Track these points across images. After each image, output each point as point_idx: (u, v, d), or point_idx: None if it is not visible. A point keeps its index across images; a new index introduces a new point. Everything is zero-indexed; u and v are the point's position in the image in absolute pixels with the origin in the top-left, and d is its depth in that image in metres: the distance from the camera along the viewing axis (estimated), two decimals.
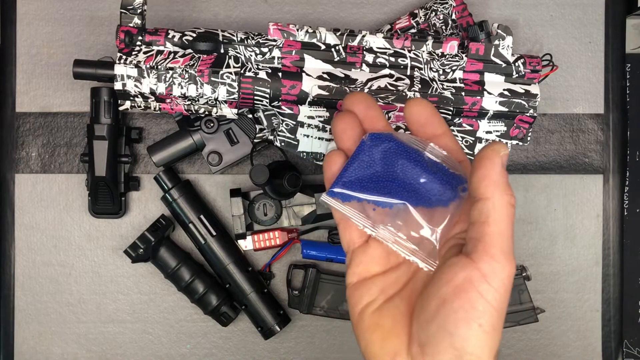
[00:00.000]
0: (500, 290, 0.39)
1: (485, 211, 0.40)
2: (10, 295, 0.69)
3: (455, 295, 0.39)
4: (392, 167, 0.45)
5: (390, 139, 0.45)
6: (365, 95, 0.47)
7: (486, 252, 0.39)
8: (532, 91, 0.60)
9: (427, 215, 0.44)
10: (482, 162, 0.40)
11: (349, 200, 0.45)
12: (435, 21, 0.64)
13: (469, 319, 0.39)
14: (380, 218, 0.45)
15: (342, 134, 0.46)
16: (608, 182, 0.71)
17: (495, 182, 0.40)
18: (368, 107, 0.46)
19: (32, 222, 0.69)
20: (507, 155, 0.41)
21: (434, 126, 0.45)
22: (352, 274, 0.46)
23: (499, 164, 0.40)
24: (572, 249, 0.71)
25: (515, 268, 0.40)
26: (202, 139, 0.66)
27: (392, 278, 0.45)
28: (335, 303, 0.68)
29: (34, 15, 0.69)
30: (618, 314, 0.71)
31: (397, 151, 0.45)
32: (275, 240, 0.68)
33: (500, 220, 0.40)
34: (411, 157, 0.44)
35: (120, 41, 0.56)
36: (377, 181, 0.45)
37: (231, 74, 0.56)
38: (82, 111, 0.69)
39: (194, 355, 0.70)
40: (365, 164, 0.45)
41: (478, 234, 0.40)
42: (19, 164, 0.69)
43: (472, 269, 0.39)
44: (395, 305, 0.44)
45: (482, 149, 0.41)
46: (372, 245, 0.46)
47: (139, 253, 0.64)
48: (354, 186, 0.45)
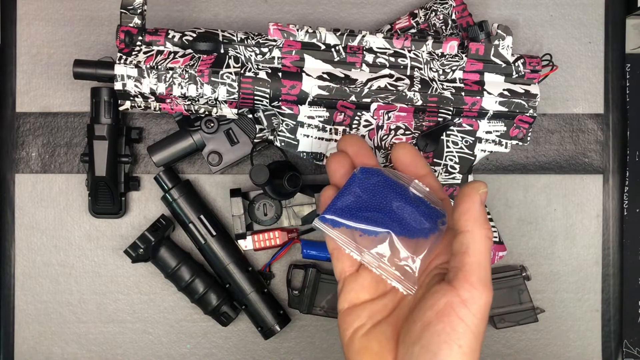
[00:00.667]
0: (477, 315, 0.43)
1: (465, 243, 0.44)
2: (11, 295, 0.69)
3: (438, 318, 0.43)
4: (379, 199, 0.49)
5: (379, 174, 0.49)
6: (357, 137, 0.52)
7: (466, 280, 0.43)
8: (532, 91, 0.60)
9: (409, 245, 0.48)
10: (464, 199, 0.45)
11: (338, 227, 0.49)
12: (435, 21, 0.64)
13: (450, 341, 0.42)
14: (366, 244, 0.49)
15: (335, 172, 0.51)
16: (608, 182, 0.71)
17: (475, 218, 0.44)
18: (360, 148, 0.52)
19: (32, 222, 0.69)
20: (486, 193, 0.46)
21: (417, 167, 0.50)
22: (343, 300, 0.50)
23: (477, 201, 0.45)
24: (572, 249, 0.71)
25: (491, 295, 0.44)
26: (202, 139, 0.66)
27: (380, 305, 0.49)
28: (335, 303, 0.68)
29: (34, 15, 0.69)
30: (618, 314, 0.71)
31: (385, 184, 0.49)
32: (275, 240, 0.68)
33: (479, 251, 0.44)
34: (397, 191, 0.49)
35: (121, 41, 0.56)
36: (364, 210, 0.49)
37: (231, 74, 0.56)
38: (82, 111, 0.69)
39: (194, 355, 0.70)
40: (355, 194, 0.49)
41: (459, 263, 0.44)
42: (19, 164, 0.69)
43: (453, 295, 0.43)
44: (382, 331, 0.47)
45: (464, 187, 0.46)
46: (362, 274, 0.50)
47: (139, 253, 0.64)
48: (343, 214, 0.49)
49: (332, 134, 0.59)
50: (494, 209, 0.70)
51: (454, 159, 0.61)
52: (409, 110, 0.59)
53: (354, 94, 0.58)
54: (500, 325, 0.68)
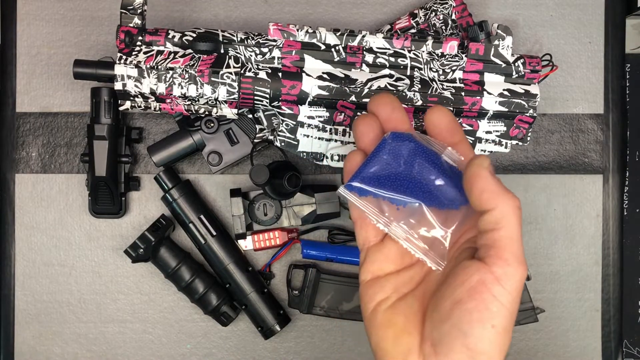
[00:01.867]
0: (512, 292, 0.41)
1: (493, 220, 0.41)
2: (11, 295, 0.69)
3: (470, 296, 0.41)
4: (410, 167, 0.46)
5: (411, 139, 0.46)
6: (391, 97, 0.48)
7: (499, 257, 0.41)
8: (532, 91, 0.60)
9: (439, 217, 0.46)
10: (473, 180, 0.42)
11: (365, 195, 0.46)
12: (435, 21, 0.64)
13: (483, 320, 0.40)
14: (394, 214, 0.46)
15: (362, 136, 0.47)
16: (608, 182, 0.71)
17: (495, 192, 0.41)
18: (393, 109, 0.47)
19: (32, 222, 0.69)
20: (491, 163, 0.42)
21: (453, 134, 0.47)
22: (366, 271, 0.47)
23: (488, 175, 0.42)
24: (572, 249, 0.71)
25: (526, 270, 0.41)
26: (202, 139, 0.66)
27: (406, 277, 0.46)
28: (335, 303, 0.68)
29: (34, 15, 0.69)
30: (618, 313, 0.71)
31: (416, 151, 0.46)
32: (275, 240, 0.68)
33: (510, 225, 0.41)
34: (429, 159, 0.46)
35: (121, 41, 0.56)
36: (394, 179, 0.46)
37: (231, 74, 0.56)
38: (82, 111, 0.69)
39: (194, 355, 0.70)
40: (384, 161, 0.46)
41: (489, 240, 0.41)
42: (19, 164, 0.69)
43: (485, 272, 0.41)
44: (409, 304, 0.45)
45: (467, 166, 0.43)
46: (387, 245, 0.47)
47: (139, 253, 0.64)
48: (371, 182, 0.46)
49: (332, 134, 0.59)
50: None
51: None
52: (409, 110, 0.59)
53: (354, 94, 0.58)
54: None
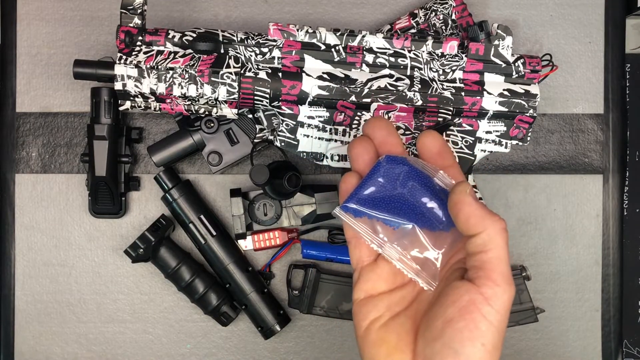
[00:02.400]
0: (501, 311, 0.43)
1: (481, 243, 0.43)
2: (11, 295, 0.69)
3: (461, 315, 0.42)
4: (404, 189, 0.47)
5: (405, 163, 0.48)
6: (386, 121, 0.50)
7: (488, 278, 0.43)
8: (532, 91, 0.60)
9: (431, 238, 0.47)
10: (458, 207, 0.44)
11: (360, 216, 0.48)
12: (435, 21, 0.64)
13: (473, 338, 0.42)
14: (388, 235, 0.48)
15: (357, 158, 0.49)
16: (608, 182, 0.71)
17: (480, 216, 0.43)
18: (388, 134, 0.49)
19: (32, 222, 0.69)
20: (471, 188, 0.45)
21: (444, 158, 0.49)
22: (359, 290, 0.49)
23: (472, 201, 0.44)
24: (572, 249, 0.71)
25: (514, 290, 0.43)
26: (202, 139, 0.66)
27: (398, 296, 0.48)
28: (335, 303, 0.68)
29: (34, 15, 0.69)
30: (618, 314, 0.71)
31: (410, 174, 0.47)
32: (275, 240, 0.68)
33: (497, 247, 0.43)
34: (422, 182, 0.47)
35: (121, 41, 0.56)
36: (388, 201, 0.47)
37: (231, 74, 0.56)
38: (82, 111, 0.69)
39: (194, 355, 0.70)
40: (379, 183, 0.48)
41: (478, 262, 0.43)
42: (19, 164, 0.69)
43: (475, 293, 0.43)
44: (401, 323, 0.46)
45: (450, 194, 0.45)
46: (380, 265, 0.49)
47: (139, 253, 0.64)
48: (366, 203, 0.48)
49: (332, 134, 0.59)
50: (494, 209, 0.70)
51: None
52: (409, 110, 0.59)
53: (354, 94, 0.58)
54: None
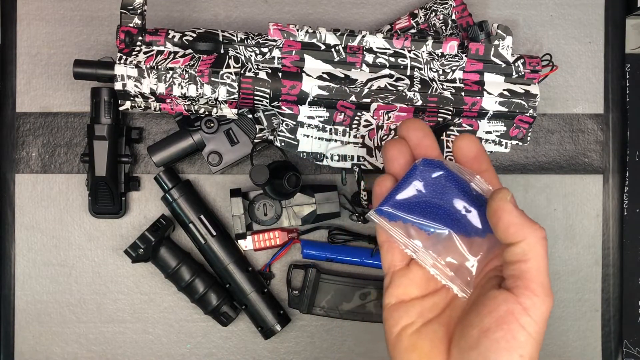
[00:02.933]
0: (540, 323, 0.42)
1: (520, 252, 0.42)
2: (11, 295, 0.69)
3: (498, 326, 0.41)
4: (440, 194, 0.46)
5: (442, 167, 0.47)
6: (422, 123, 0.48)
7: (527, 288, 0.42)
8: (532, 91, 0.60)
9: (466, 244, 0.46)
10: (499, 214, 0.43)
11: (394, 220, 0.47)
12: (435, 21, 0.64)
13: (511, 349, 0.41)
14: (422, 240, 0.47)
15: (393, 160, 0.48)
16: (608, 182, 0.71)
17: (521, 225, 0.42)
18: (425, 136, 0.48)
19: (32, 222, 0.69)
20: (512, 195, 0.43)
21: (481, 162, 0.47)
22: (390, 295, 0.48)
23: (512, 208, 0.43)
24: (572, 249, 0.71)
25: (553, 300, 0.42)
26: (202, 139, 0.66)
27: (430, 303, 0.47)
28: (335, 303, 0.68)
29: (34, 15, 0.69)
30: (618, 314, 0.71)
31: (447, 179, 0.46)
32: (275, 240, 0.68)
33: (537, 256, 0.42)
34: (459, 187, 0.46)
35: (121, 41, 0.56)
36: (424, 205, 0.47)
37: (231, 74, 0.56)
38: (82, 111, 0.69)
39: (194, 355, 0.70)
40: (414, 187, 0.47)
41: (517, 271, 0.42)
42: (19, 164, 0.69)
43: (513, 303, 0.42)
44: (434, 330, 0.46)
45: (490, 200, 0.43)
46: (413, 270, 0.48)
47: (139, 253, 0.64)
48: (401, 207, 0.47)
49: (332, 134, 0.59)
50: None
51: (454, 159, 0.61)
52: (409, 110, 0.59)
53: (354, 94, 0.58)
54: None
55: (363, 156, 0.60)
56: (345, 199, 0.68)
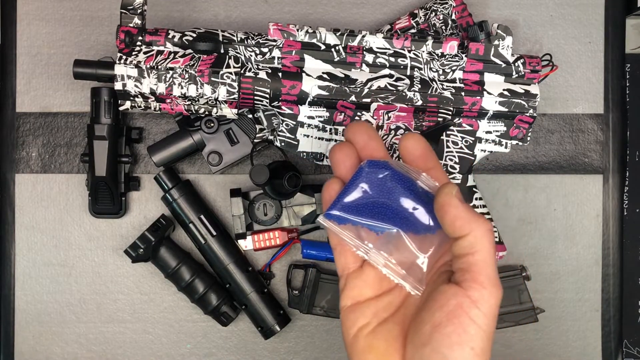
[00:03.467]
0: (489, 315, 0.42)
1: (467, 245, 0.43)
2: (11, 295, 0.69)
3: (449, 320, 0.42)
4: (387, 194, 0.47)
5: (387, 167, 0.47)
6: (367, 125, 0.49)
7: (475, 280, 0.42)
8: (532, 91, 0.60)
9: (416, 242, 0.47)
10: (444, 209, 0.43)
11: (344, 223, 0.47)
12: (435, 21, 0.64)
13: (462, 343, 0.41)
14: (372, 241, 0.47)
15: (340, 164, 0.48)
16: (608, 182, 0.71)
17: (467, 218, 0.43)
18: (370, 138, 0.48)
19: (32, 222, 0.69)
20: (458, 189, 0.44)
21: (427, 160, 0.48)
22: (346, 297, 0.48)
23: (458, 203, 0.43)
24: (572, 249, 0.71)
25: (501, 292, 0.43)
26: (202, 139, 0.66)
27: (385, 302, 0.47)
28: (335, 303, 0.68)
29: (34, 15, 0.69)
30: (618, 314, 0.71)
31: (393, 178, 0.47)
32: (275, 240, 0.68)
33: (484, 249, 0.43)
34: (405, 185, 0.47)
35: (121, 41, 0.56)
36: (371, 206, 0.47)
37: (231, 74, 0.56)
38: (82, 111, 0.69)
39: (194, 355, 0.70)
40: (361, 189, 0.47)
41: (464, 264, 0.43)
42: (19, 164, 0.69)
43: (462, 296, 0.42)
44: (389, 329, 0.46)
45: (436, 196, 0.44)
46: (366, 271, 0.48)
47: (139, 253, 0.64)
48: (349, 210, 0.47)
49: (332, 134, 0.59)
50: (494, 209, 0.70)
51: (454, 159, 0.61)
52: (409, 110, 0.59)
53: (354, 94, 0.58)
54: (500, 325, 0.68)
55: None
56: None
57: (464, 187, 0.61)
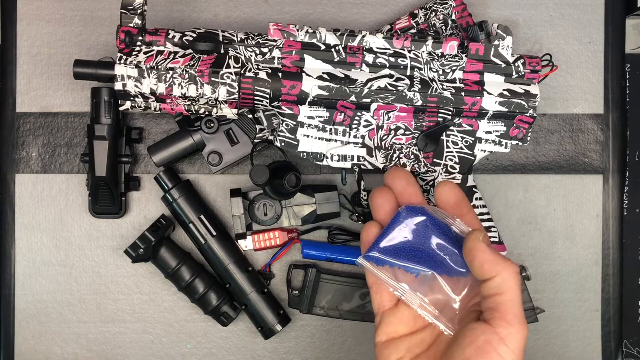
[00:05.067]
0: (516, 351, 0.45)
1: (495, 286, 0.46)
2: (11, 295, 0.69)
3: (478, 355, 0.45)
4: (423, 238, 0.50)
5: (423, 212, 0.50)
6: (406, 172, 0.53)
7: (502, 319, 0.45)
8: (532, 91, 0.60)
9: (450, 284, 0.50)
10: (473, 254, 0.47)
11: (382, 265, 0.51)
12: (435, 21, 0.64)
13: None
14: (408, 282, 0.50)
15: (379, 208, 0.52)
16: (608, 182, 0.71)
17: (494, 261, 0.46)
18: (408, 184, 0.52)
19: (32, 222, 0.69)
20: (486, 235, 0.48)
21: (460, 207, 0.51)
22: (381, 333, 0.51)
23: (485, 247, 0.47)
24: (571, 249, 0.71)
25: (527, 329, 0.46)
26: (202, 139, 0.66)
27: (418, 339, 0.51)
28: (335, 303, 0.68)
29: (34, 15, 0.69)
30: (618, 313, 0.71)
31: (429, 223, 0.50)
32: (275, 240, 0.68)
33: (511, 289, 0.46)
34: (440, 230, 0.50)
35: (121, 41, 0.56)
36: (408, 250, 0.50)
37: (231, 74, 0.56)
38: (83, 111, 0.69)
39: (194, 355, 0.70)
40: (399, 233, 0.50)
41: (493, 304, 0.46)
42: (19, 164, 0.69)
43: (491, 333, 0.45)
44: None
45: (465, 241, 0.48)
46: (401, 309, 0.52)
47: (139, 253, 0.64)
48: (387, 252, 0.50)
49: (332, 134, 0.59)
50: (494, 209, 0.70)
51: (454, 159, 0.61)
52: (409, 111, 0.59)
53: (354, 94, 0.58)
54: None
55: (363, 156, 0.60)
56: (345, 199, 0.68)
57: (464, 187, 0.61)
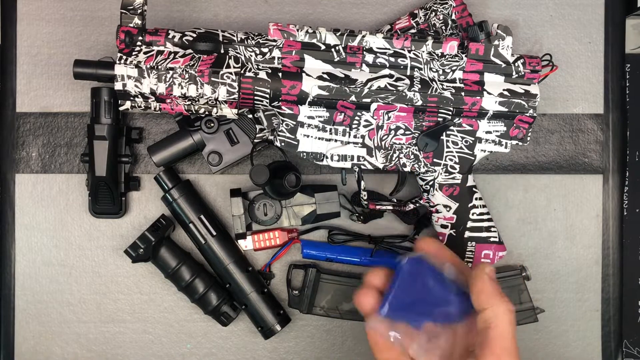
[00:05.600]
0: None
1: (487, 319, 0.47)
2: (11, 295, 0.69)
3: None
4: (422, 287, 0.51)
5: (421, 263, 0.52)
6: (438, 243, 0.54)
7: (491, 352, 0.46)
8: (532, 91, 0.60)
9: (449, 329, 0.51)
10: (475, 281, 0.49)
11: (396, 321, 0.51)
12: (435, 21, 0.64)
13: None
14: (412, 335, 0.51)
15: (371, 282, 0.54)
16: (608, 182, 0.71)
17: (491, 294, 0.48)
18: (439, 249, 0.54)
19: (32, 222, 0.69)
20: (493, 270, 0.50)
21: (443, 253, 0.53)
22: None
23: (487, 279, 0.49)
24: (571, 249, 0.71)
25: None
26: (202, 139, 0.66)
27: None
28: (335, 303, 0.68)
29: (34, 15, 0.69)
30: (618, 313, 0.71)
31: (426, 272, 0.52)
32: (275, 240, 0.68)
33: (502, 324, 0.47)
34: (436, 278, 0.51)
35: (121, 41, 0.56)
36: (411, 304, 0.51)
37: (231, 74, 0.56)
38: (83, 111, 0.69)
39: (194, 355, 0.70)
40: (404, 287, 0.52)
41: (483, 337, 0.47)
42: (19, 164, 0.69)
43: None
44: None
45: (473, 270, 0.50)
46: None
47: (139, 253, 0.64)
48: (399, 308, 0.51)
49: (332, 134, 0.59)
50: (494, 209, 0.70)
51: (454, 159, 0.61)
52: (409, 110, 0.59)
53: (354, 94, 0.58)
54: None
55: (363, 156, 0.60)
56: (345, 199, 0.68)
57: (464, 187, 0.61)
